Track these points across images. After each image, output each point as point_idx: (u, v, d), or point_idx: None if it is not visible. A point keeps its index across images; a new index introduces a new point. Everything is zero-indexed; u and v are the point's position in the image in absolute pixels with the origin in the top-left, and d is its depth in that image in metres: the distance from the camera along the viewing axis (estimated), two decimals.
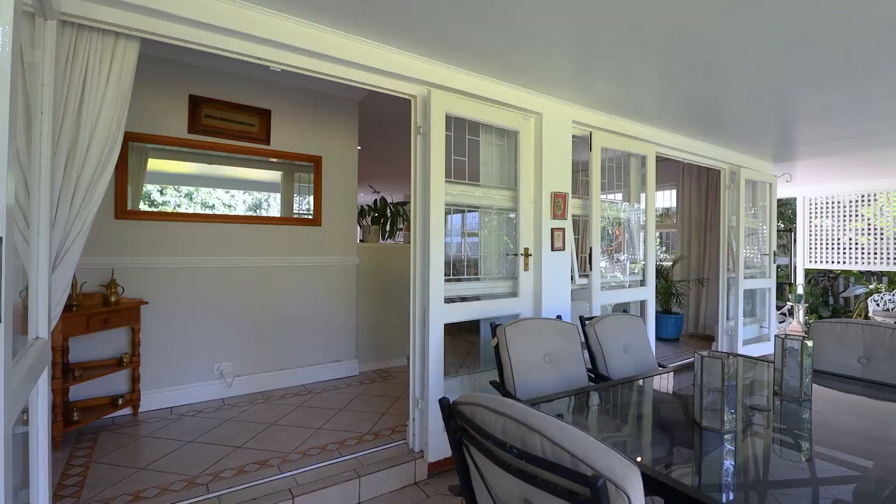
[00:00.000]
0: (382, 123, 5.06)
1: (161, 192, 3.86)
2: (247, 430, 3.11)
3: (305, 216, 4.27)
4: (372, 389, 3.95)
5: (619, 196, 4.10)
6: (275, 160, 4.12)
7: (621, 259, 4.09)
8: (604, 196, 3.87)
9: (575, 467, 0.92)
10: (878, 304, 6.86)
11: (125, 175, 3.41)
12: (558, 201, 3.36)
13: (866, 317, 6.99)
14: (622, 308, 4.16)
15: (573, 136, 3.52)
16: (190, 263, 3.62)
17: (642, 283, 4.09)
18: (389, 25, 2.31)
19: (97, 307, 3.09)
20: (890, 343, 2.34)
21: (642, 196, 4.12)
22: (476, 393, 1.21)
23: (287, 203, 4.30)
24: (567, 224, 3.44)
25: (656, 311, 6.34)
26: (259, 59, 2.30)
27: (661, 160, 4.56)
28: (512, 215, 3.28)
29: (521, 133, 3.23)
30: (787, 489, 1.33)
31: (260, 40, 2.21)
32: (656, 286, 6.21)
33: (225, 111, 3.75)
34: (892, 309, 6.73)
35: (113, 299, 3.17)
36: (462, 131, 3.01)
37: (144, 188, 3.67)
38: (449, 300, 2.89)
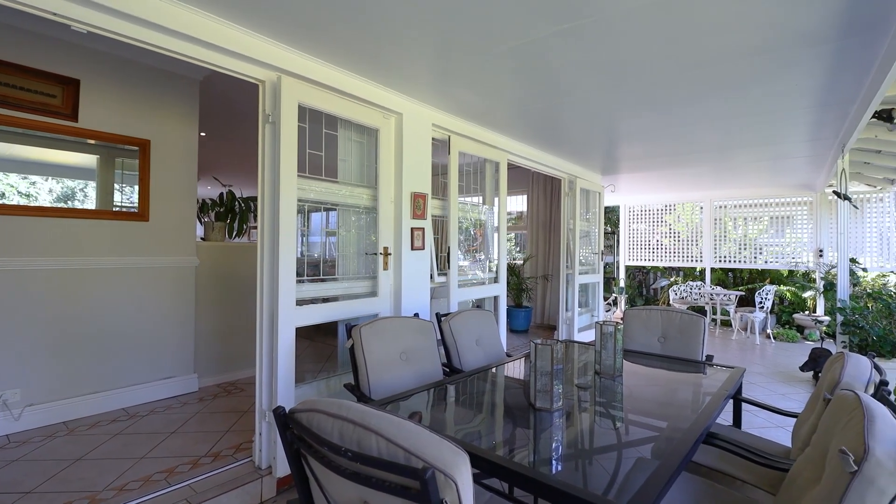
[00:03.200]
0: (233, 108, 4.58)
1: None
2: (41, 470, 2.51)
3: (131, 209, 3.64)
4: (214, 406, 3.52)
5: (479, 199, 4.34)
6: (91, 141, 3.43)
7: (480, 258, 4.33)
8: (464, 198, 4.05)
9: (408, 462, 0.90)
10: (676, 294, 8.45)
11: None
12: (418, 201, 3.41)
13: (668, 304, 8.56)
14: (480, 303, 4.40)
15: (433, 139, 3.61)
16: None
17: (495, 280, 4.38)
18: None
19: None
20: (679, 324, 2.86)
21: (496, 200, 4.41)
22: (314, 398, 1.13)
23: (105, 193, 3.61)
24: (427, 224, 3.51)
25: (509, 306, 6.90)
26: (54, 14, 1.87)
27: (514, 167, 4.95)
28: (374, 214, 3.22)
29: (381, 131, 3.19)
30: (605, 454, 1.51)
31: None
32: (509, 283, 6.75)
33: (9, 74, 2.99)
34: (686, 297, 8.35)
35: None
36: (318, 124, 2.86)
37: None
38: (304, 302, 2.72)
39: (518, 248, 9.50)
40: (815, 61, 2.57)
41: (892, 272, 6.50)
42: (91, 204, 3.64)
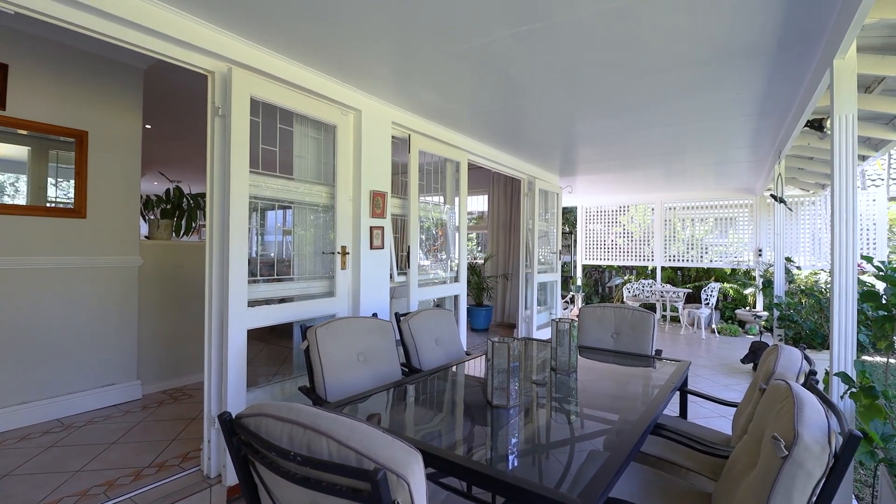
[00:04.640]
0: (181, 100, 4.35)
1: None
2: None
3: (67, 205, 3.40)
4: (159, 414, 3.34)
5: (440, 198, 4.33)
6: (22, 132, 3.17)
7: (441, 257, 4.33)
8: (425, 198, 4.03)
9: (360, 464, 0.88)
10: (629, 291, 8.78)
11: None
12: (377, 200, 3.37)
13: (622, 301, 8.88)
14: (441, 302, 4.40)
15: (393, 137, 3.57)
16: None
17: (456, 279, 4.39)
18: None
19: None
20: (631, 320, 2.97)
21: (457, 199, 4.42)
22: (263, 402, 1.09)
23: (37, 188, 3.35)
24: (387, 223, 3.47)
25: (470, 305, 6.95)
26: None
27: (474, 167, 4.98)
28: (332, 213, 3.15)
29: (339, 128, 3.13)
30: (560, 448, 1.54)
31: None
32: (470, 282, 6.80)
33: None
34: (638, 294, 8.69)
35: None
36: (272, 119, 2.77)
37: None
38: (258, 303, 2.62)
39: (479, 248, 9.59)
40: (756, 71, 2.73)
41: (822, 270, 7.01)
42: (22, 199, 3.37)
